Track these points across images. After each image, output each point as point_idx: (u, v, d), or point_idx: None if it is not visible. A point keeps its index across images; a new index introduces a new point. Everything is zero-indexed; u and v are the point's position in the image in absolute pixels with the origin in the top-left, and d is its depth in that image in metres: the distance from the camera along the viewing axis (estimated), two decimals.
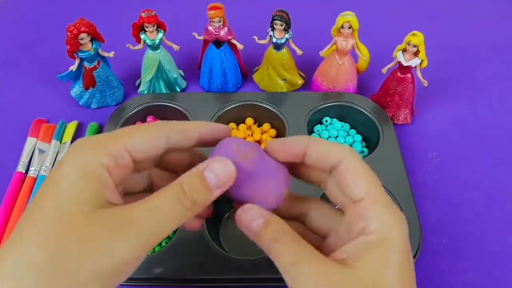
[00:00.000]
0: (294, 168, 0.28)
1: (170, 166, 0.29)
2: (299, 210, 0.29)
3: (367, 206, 0.24)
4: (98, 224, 0.21)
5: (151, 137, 0.24)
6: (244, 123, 0.56)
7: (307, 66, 0.62)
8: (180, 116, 0.55)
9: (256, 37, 0.57)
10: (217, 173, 0.24)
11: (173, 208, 0.22)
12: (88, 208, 0.21)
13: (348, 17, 0.52)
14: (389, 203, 0.24)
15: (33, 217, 0.21)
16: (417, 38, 0.50)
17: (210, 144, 0.27)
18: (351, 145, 0.54)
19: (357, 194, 0.24)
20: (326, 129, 0.55)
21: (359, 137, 0.55)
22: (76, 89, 0.58)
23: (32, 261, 0.20)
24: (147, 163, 0.27)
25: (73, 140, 0.55)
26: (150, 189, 0.29)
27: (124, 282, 0.42)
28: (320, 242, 0.27)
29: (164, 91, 0.60)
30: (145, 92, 0.59)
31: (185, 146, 0.26)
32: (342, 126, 0.55)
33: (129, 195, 0.28)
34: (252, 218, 0.24)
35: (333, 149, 0.25)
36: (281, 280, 0.24)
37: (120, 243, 0.21)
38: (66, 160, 0.22)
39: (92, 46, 0.54)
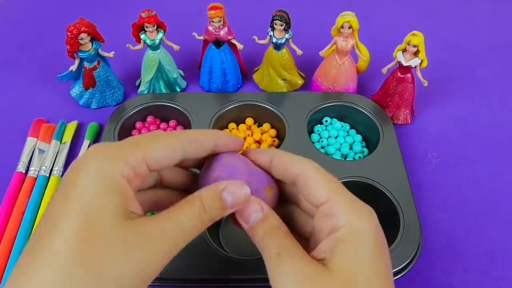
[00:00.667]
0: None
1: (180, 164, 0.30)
2: (284, 212, 0.30)
3: (331, 206, 0.25)
4: (127, 235, 0.21)
5: (169, 149, 0.25)
6: (244, 123, 0.56)
7: (307, 66, 0.62)
8: (180, 116, 0.55)
9: (256, 37, 0.57)
10: (234, 195, 0.25)
11: (196, 224, 0.24)
12: (115, 218, 0.21)
13: (348, 17, 0.52)
14: (354, 199, 0.26)
15: (57, 224, 0.21)
16: (417, 38, 0.50)
17: (220, 152, 0.28)
18: (351, 145, 0.54)
19: (320, 198, 0.25)
20: (326, 129, 0.55)
21: (359, 137, 0.55)
22: (76, 89, 0.58)
23: (60, 268, 0.20)
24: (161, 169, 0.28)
25: (73, 140, 0.55)
26: (160, 184, 0.30)
27: None
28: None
29: (164, 91, 0.60)
30: (145, 92, 0.59)
31: (199, 156, 0.27)
32: (342, 126, 0.55)
33: (140, 191, 0.28)
34: (253, 211, 0.26)
35: (294, 161, 0.27)
36: None
37: (148, 255, 0.22)
38: (87, 167, 0.22)
39: (92, 46, 0.54)
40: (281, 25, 0.53)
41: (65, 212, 0.21)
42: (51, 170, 0.51)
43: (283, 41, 0.55)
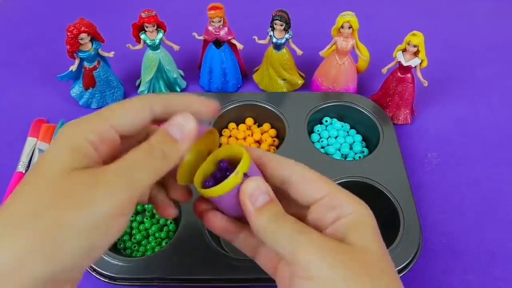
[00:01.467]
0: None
1: None
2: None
3: (334, 198, 0.26)
4: (76, 182, 0.22)
5: (133, 110, 0.25)
6: (244, 123, 0.56)
7: (307, 66, 0.62)
8: None
9: (256, 37, 0.57)
10: (180, 126, 0.25)
11: (145, 159, 0.24)
12: (68, 170, 0.22)
13: (348, 17, 0.52)
14: (349, 193, 0.27)
15: (22, 184, 0.23)
16: (417, 38, 0.50)
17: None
18: (351, 145, 0.54)
19: (319, 194, 0.26)
20: (326, 129, 0.55)
21: (359, 137, 0.55)
22: (76, 89, 0.58)
23: (18, 220, 0.21)
24: (139, 135, 0.27)
25: None
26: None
27: (124, 282, 0.42)
28: None
29: (164, 91, 0.60)
30: (145, 92, 0.59)
31: (169, 115, 0.27)
32: (342, 126, 0.55)
33: None
34: (260, 192, 0.25)
35: (285, 162, 0.28)
36: None
37: (99, 197, 0.22)
38: (55, 138, 0.24)
39: (92, 46, 0.54)
40: (281, 25, 0.53)
41: (29, 174, 0.23)
42: None
43: (283, 41, 0.55)
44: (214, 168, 0.28)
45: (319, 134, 0.55)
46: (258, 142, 0.55)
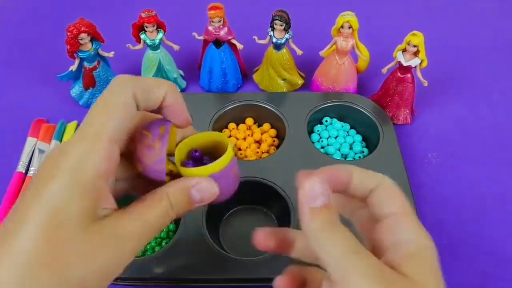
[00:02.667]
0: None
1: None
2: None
3: (400, 220, 0.25)
4: (94, 237, 0.21)
5: (122, 114, 0.23)
6: (244, 123, 0.56)
7: (307, 66, 0.62)
8: None
9: (256, 37, 0.57)
10: (203, 193, 0.25)
11: (162, 222, 0.24)
12: (83, 220, 0.21)
13: (348, 17, 0.52)
14: (417, 220, 0.25)
15: (25, 221, 0.21)
16: (417, 38, 0.50)
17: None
18: (351, 145, 0.54)
19: (393, 209, 0.25)
20: (326, 129, 0.55)
21: (359, 137, 0.55)
22: (76, 89, 0.58)
23: (22, 267, 0.20)
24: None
25: None
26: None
27: (124, 282, 0.42)
28: None
29: None
30: None
31: (150, 107, 0.26)
32: (342, 126, 0.55)
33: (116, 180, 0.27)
34: (320, 192, 0.23)
35: (372, 175, 0.26)
36: None
37: (114, 255, 0.22)
38: (59, 169, 0.22)
39: (92, 46, 0.54)
40: (281, 25, 0.53)
41: (33, 211, 0.21)
42: None
43: (283, 41, 0.55)
44: (185, 158, 0.28)
45: (319, 134, 0.55)
46: (258, 142, 0.55)
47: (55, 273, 0.20)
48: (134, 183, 0.28)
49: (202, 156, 0.27)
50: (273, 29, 0.54)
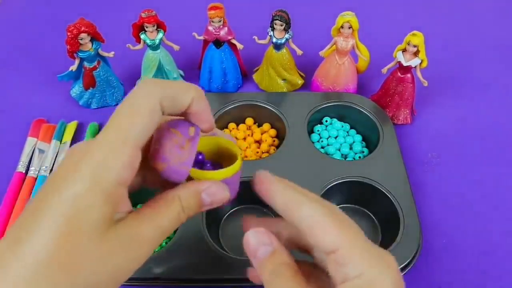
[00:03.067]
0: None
1: None
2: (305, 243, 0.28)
3: (342, 255, 0.23)
4: (108, 243, 0.22)
5: (147, 119, 0.23)
6: (244, 123, 0.56)
7: (307, 66, 0.62)
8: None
9: (256, 37, 0.57)
10: (214, 197, 0.26)
11: (174, 225, 0.25)
12: (99, 227, 0.21)
13: (348, 17, 0.52)
14: (368, 247, 0.23)
15: (40, 223, 0.20)
16: (417, 38, 0.50)
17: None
18: (351, 145, 0.54)
19: (328, 247, 0.23)
20: (326, 129, 0.55)
21: (359, 137, 0.55)
22: (76, 89, 0.58)
23: (36, 269, 0.20)
24: None
25: (73, 140, 0.55)
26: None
27: (124, 282, 0.42)
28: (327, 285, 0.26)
29: None
30: None
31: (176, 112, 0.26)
32: (342, 126, 0.55)
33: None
34: (261, 243, 0.25)
35: (300, 201, 0.25)
36: None
37: (127, 260, 0.23)
38: (81, 172, 0.21)
39: (92, 46, 0.54)
40: (281, 25, 0.53)
41: (52, 211, 0.21)
42: (51, 170, 0.51)
43: (283, 41, 0.55)
44: None
45: (319, 134, 0.55)
46: (258, 142, 0.55)
47: (70, 277, 0.20)
48: (146, 177, 0.28)
49: (205, 160, 0.27)
50: (273, 29, 0.54)
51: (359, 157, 0.52)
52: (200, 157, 0.27)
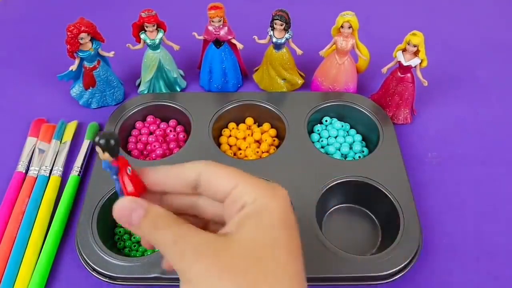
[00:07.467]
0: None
1: None
2: (186, 202, 0.28)
3: (238, 190, 0.25)
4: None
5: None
6: (244, 123, 0.56)
7: (307, 66, 0.62)
8: (180, 115, 0.55)
9: (256, 37, 0.57)
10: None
11: None
12: None
13: (348, 17, 0.52)
14: (261, 181, 0.25)
15: None
16: (417, 38, 0.50)
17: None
18: (351, 145, 0.54)
19: (227, 188, 0.25)
20: (326, 129, 0.55)
21: (359, 137, 0.55)
22: (76, 89, 0.58)
23: None
24: None
25: (73, 140, 0.55)
26: None
27: (124, 282, 0.42)
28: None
29: (164, 91, 0.60)
30: (145, 92, 0.59)
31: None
32: (342, 126, 0.55)
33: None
34: (131, 210, 0.24)
35: (187, 166, 0.26)
36: None
37: None
38: None
39: (92, 45, 0.54)
40: (281, 25, 0.53)
41: None
42: (51, 170, 0.51)
43: (283, 41, 0.55)
44: None
45: (319, 134, 0.55)
46: (258, 142, 0.55)
47: None
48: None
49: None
50: (273, 29, 0.54)
51: (359, 157, 0.52)
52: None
